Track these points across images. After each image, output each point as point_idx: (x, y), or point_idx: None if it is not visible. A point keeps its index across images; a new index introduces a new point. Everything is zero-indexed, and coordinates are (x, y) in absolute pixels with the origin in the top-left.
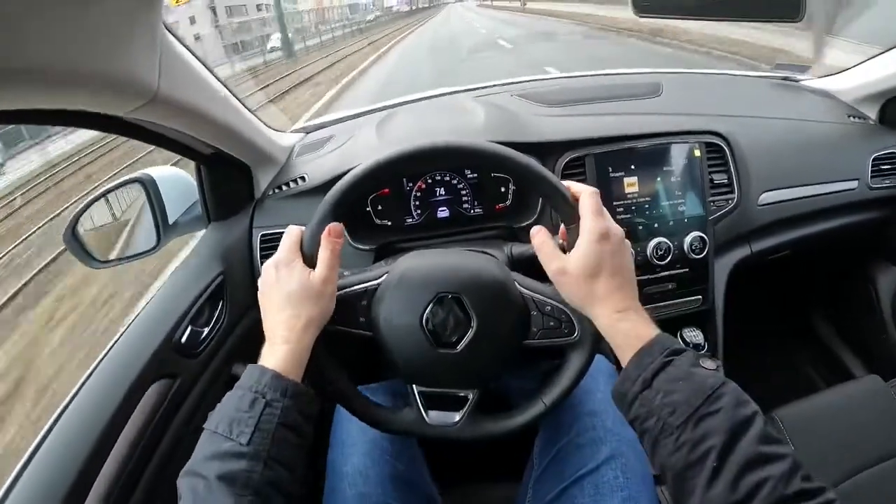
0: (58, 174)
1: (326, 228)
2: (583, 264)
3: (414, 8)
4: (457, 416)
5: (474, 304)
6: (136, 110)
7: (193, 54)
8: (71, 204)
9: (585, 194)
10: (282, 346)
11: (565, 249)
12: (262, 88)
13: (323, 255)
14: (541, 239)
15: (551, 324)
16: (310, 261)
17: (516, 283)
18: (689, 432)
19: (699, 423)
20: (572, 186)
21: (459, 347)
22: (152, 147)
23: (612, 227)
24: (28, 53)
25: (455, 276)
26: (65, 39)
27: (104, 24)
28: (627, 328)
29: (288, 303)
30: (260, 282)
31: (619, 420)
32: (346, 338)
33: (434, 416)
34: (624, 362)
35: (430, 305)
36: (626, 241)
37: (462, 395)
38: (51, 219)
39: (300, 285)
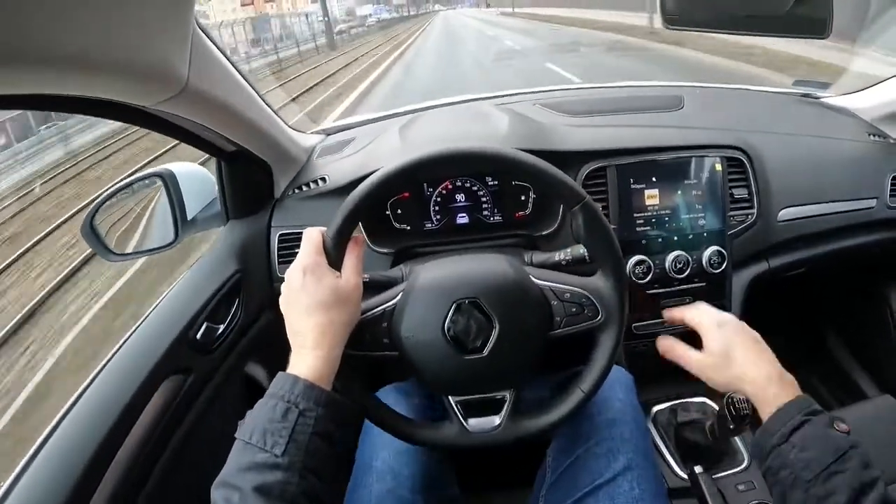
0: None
1: (353, 240)
2: (718, 347)
3: (396, 16)
4: (497, 420)
5: (493, 305)
6: (164, 102)
7: (222, 51)
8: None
9: (694, 312)
10: (312, 352)
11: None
12: None
13: (350, 261)
14: (668, 344)
15: (573, 310)
16: (335, 265)
17: (531, 277)
18: (819, 486)
19: (829, 480)
20: (689, 313)
21: (486, 351)
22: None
23: (723, 316)
24: (64, 39)
25: (469, 281)
26: (100, 27)
27: (138, 14)
28: (776, 391)
29: (318, 309)
30: (284, 287)
31: (636, 430)
32: (372, 361)
33: (474, 424)
34: (764, 418)
35: (450, 314)
36: (741, 322)
37: (499, 397)
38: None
39: (331, 290)
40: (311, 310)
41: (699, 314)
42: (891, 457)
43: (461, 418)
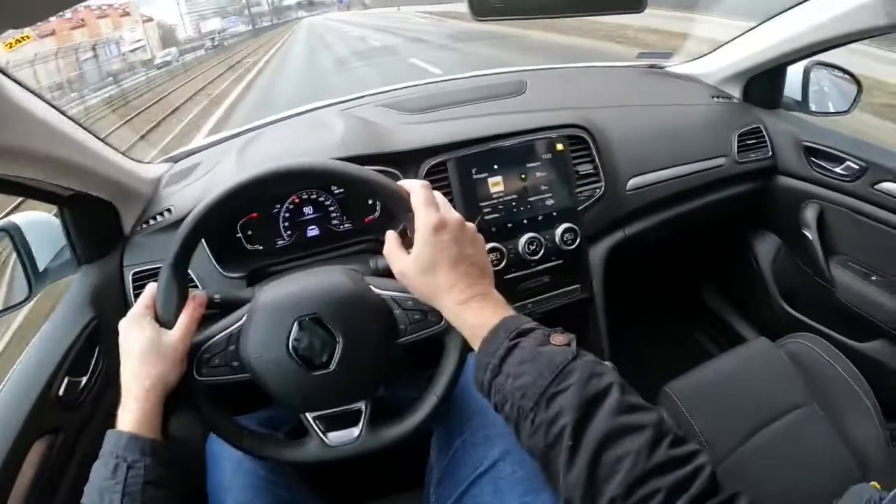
0: None
1: (192, 298)
2: (418, 261)
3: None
4: (356, 431)
5: (334, 319)
6: None
7: (34, 93)
8: None
9: (414, 188)
10: (132, 404)
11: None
12: None
13: (183, 319)
14: (388, 243)
15: (416, 317)
16: (164, 321)
17: (372, 288)
18: (543, 413)
19: (551, 403)
20: (404, 184)
21: (333, 365)
22: None
23: (448, 215)
24: None
25: (308, 298)
26: None
27: None
28: (471, 317)
29: (135, 360)
30: (119, 339)
31: None
32: (225, 386)
33: (334, 437)
34: (475, 347)
35: (293, 332)
36: (469, 225)
37: (354, 409)
38: None
39: (147, 344)
40: (131, 359)
41: (422, 207)
42: (771, 394)
43: (321, 433)
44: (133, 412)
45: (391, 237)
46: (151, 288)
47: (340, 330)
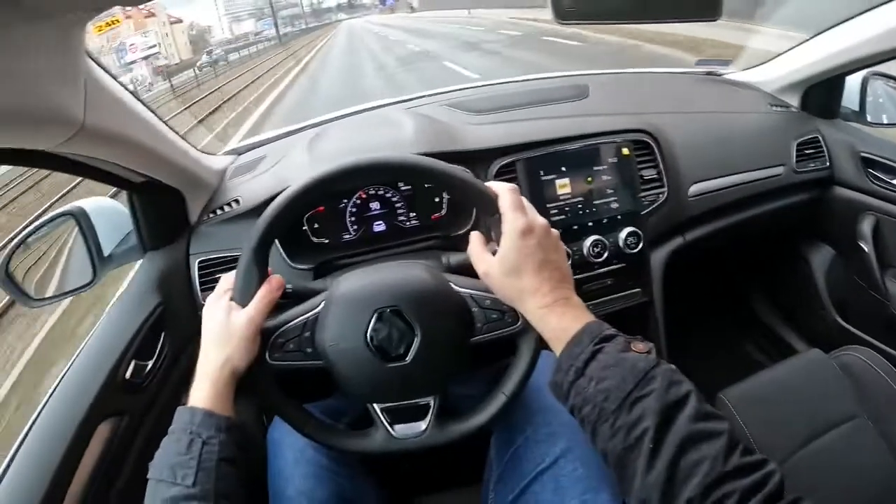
0: None
1: (269, 280)
2: (504, 264)
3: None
4: (423, 425)
5: (414, 313)
6: (62, 144)
7: (118, 81)
8: None
9: (503, 191)
10: (205, 383)
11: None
12: None
13: (256, 300)
14: (472, 243)
15: (494, 316)
16: (240, 303)
17: (452, 284)
18: (624, 416)
19: (633, 407)
20: (493, 186)
21: (409, 358)
22: None
23: (535, 220)
24: None
25: (389, 290)
26: None
27: (27, 62)
28: (554, 321)
29: (209, 340)
30: None
31: None
32: (293, 373)
33: (400, 430)
34: (556, 352)
35: (372, 323)
36: (554, 231)
37: (423, 403)
38: None
39: (219, 324)
40: (206, 342)
41: (510, 210)
42: (823, 406)
43: (387, 425)
44: (206, 391)
45: (476, 237)
46: (227, 278)
47: (419, 323)
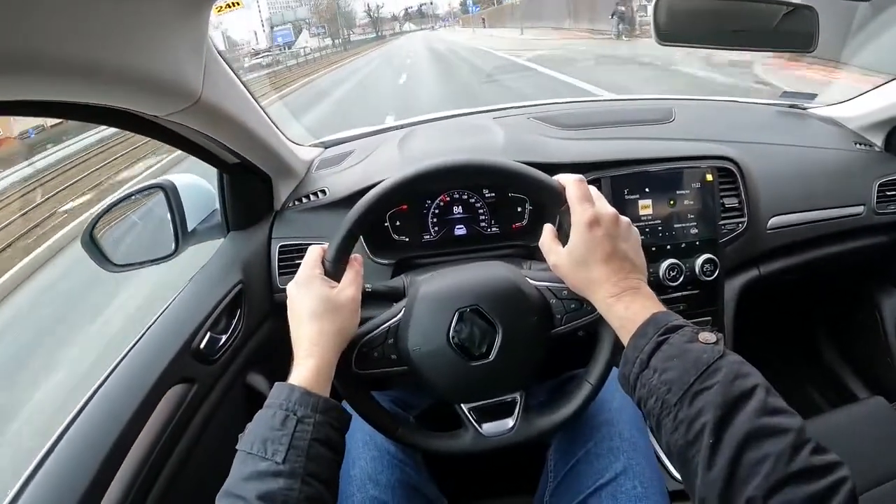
0: None
1: (353, 257)
2: (572, 255)
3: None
4: (511, 422)
5: (494, 310)
6: (176, 113)
7: (229, 65)
8: None
9: (570, 183)
10: (306, 361)
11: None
12: None
13: (350, 274)
14: (544, 235)
15: (572, 306)
16: (333, 276)
17: (528, 279)
18: (686, 409)
19: (694, 400)
20: (560, 177)
21: (492, 356)
22: None
23: (602, 211)
24: (79, 49)
25: (468, 289)
26: (118, 37)
27: (156, 27)
28: (621, 310)
29: (309, 319)
30: (288, 303)
31: (636, 429)
32: (384, 378)
33: (489, 428)
34: (624, 342)
35: (453, 323)
36: (623, 219)
37: (509, 400)
38: None
39: (320, 299)
40: (303, 320)
41: (577, 202)
42: (882, 456)
43: (476, 424)
44: (307, 370)
45: (548, 229)
46: (314, 250)
47: (500, 320)
